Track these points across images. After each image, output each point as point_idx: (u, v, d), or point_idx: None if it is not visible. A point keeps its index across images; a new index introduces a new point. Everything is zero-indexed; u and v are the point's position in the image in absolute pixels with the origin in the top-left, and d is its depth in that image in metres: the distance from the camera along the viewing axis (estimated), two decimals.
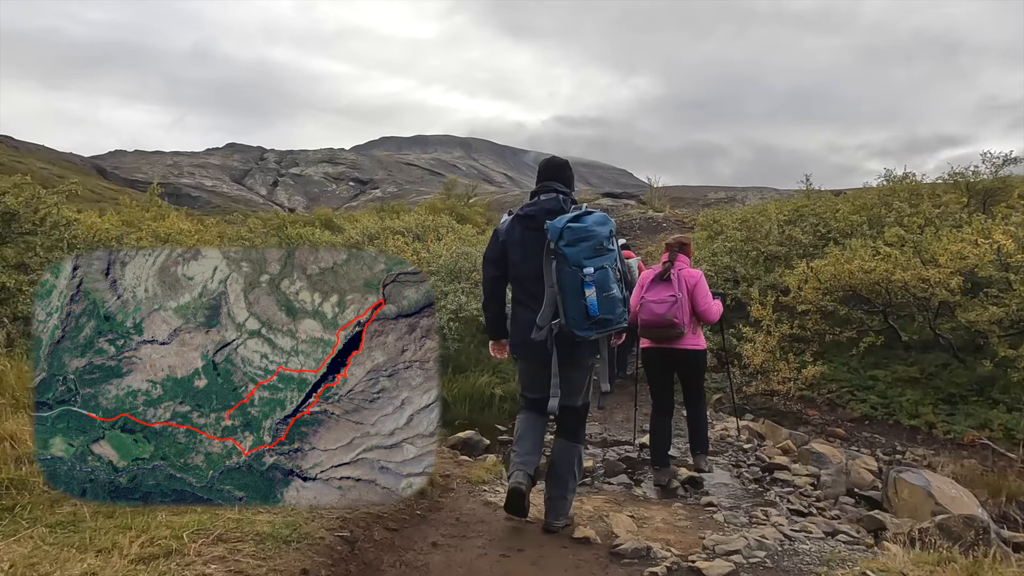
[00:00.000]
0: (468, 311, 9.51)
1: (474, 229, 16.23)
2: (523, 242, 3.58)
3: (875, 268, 9.14)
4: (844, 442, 8.36)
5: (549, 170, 3.78)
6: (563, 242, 3.30)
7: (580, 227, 3.34)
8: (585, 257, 3.30)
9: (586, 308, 3.28)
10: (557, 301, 3.35)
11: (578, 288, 3.29)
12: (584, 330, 3.34)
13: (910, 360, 10.00)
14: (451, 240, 13.13)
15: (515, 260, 3.64)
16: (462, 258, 10.51)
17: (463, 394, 8.67)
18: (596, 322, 3.33)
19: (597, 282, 3.31)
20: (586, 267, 3.29)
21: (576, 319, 3.32)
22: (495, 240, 3.76)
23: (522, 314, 3.64)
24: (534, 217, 3.55)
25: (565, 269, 3.30)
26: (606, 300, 3.32)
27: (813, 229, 13.43)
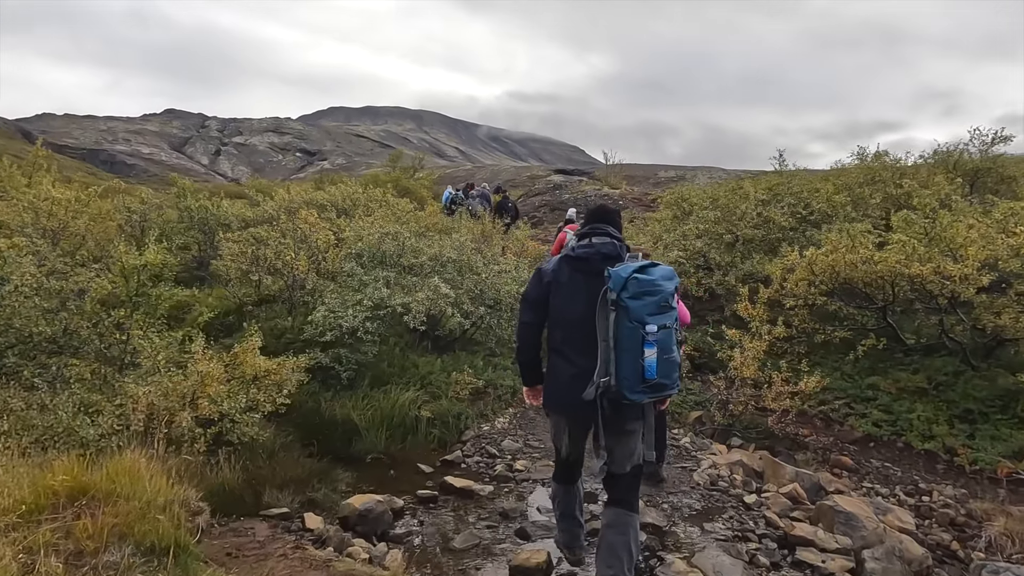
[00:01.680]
0: (391, 306, 7.42)
1: (412, 204, 14.00)
2: (571, 285, 3.19)
3: (885, 259, 7.44)
4: (853, 475, 6.68)
5: (601, 213, 3.39)
6: (627, 293, 2.91)
7: (647, 279, 2.93)
8: (649, 313, 2.89)
9: (643, 369, 2.87)
10: (610, 361, 2.93)
11: (637, 347, 2.88)
12: (636, 393, 2.91)
13: (913, 366, 8.41)
14: (382, 216, 10.92)
15: (558, 304, 3.22)
16: (388, 239, 8.36)
17: (380, 416, 6.62)
18: (651, 386, 2.91)
19: (660, 342, 2.90)
20: (649, 324, 2.88)
21: (630, 380, 2.89)
22: (538, 280, 3.32)
23: (561, 367, 3.20)
24: (587, 260, 3.17)
25: (625, 324, 2.90)
26: (666, 363, 2.92)
27: (791, 210, 11.75)
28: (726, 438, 7.17)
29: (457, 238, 8.70)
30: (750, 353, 7.23)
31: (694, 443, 6.64)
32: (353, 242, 8.88)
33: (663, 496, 5.18)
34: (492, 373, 7.68)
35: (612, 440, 3.12)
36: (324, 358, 7.29)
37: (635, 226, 13.33)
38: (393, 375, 7.42)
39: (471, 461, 6.02)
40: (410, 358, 7.71)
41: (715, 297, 10.55)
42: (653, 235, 11.46)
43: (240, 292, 8.94)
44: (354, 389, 7.22)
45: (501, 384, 7.47)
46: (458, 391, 7.07)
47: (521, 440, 6.47)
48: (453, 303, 7.66)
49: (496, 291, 8.08)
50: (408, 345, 8.13)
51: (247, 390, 5.65)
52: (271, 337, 8.20)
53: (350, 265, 8.18)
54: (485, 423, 6.87)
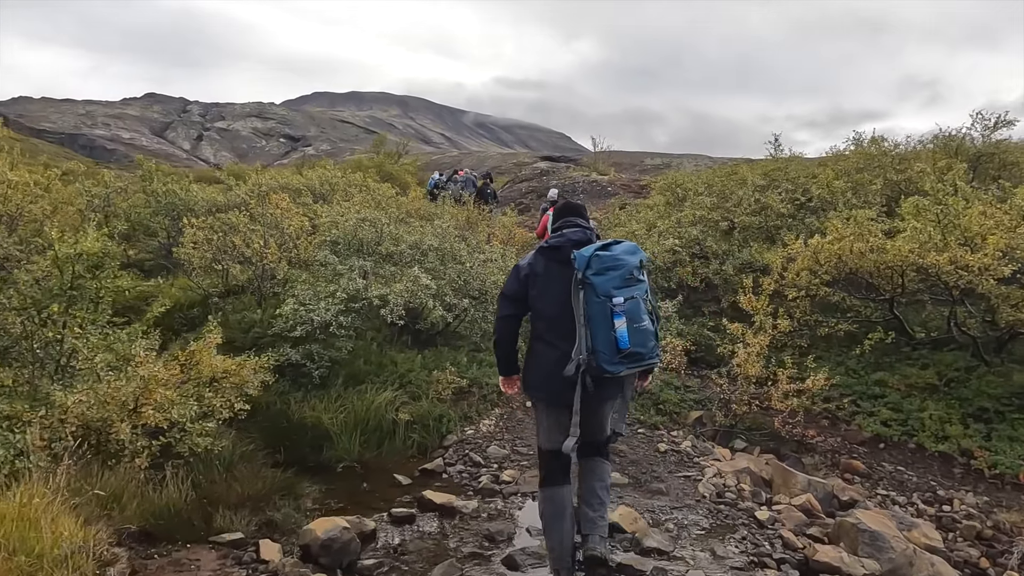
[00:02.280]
0: (368, 298, 6.79)
1: (394, 189, 13.29)
2: (547, 275, 3.26)
3: (898, 249, 6.90)
4: (865, 480, 6.18)
5: (570, 209, 3.55)
6: (591, 271, 3.02)
7: (608, 255, 3.06)
8: (614, 287, 2.99)
9: (616, 340, 2.95)
10: (584, 337, 3.01)
11: (607, 319, 2.97)
12: (614, 365, 2.97)
13: (922, 361, 7.92)
14: (360, 201, 10.23)
15: (537, 294, 3.27)
16: (365, 226, 7.70)
17: (354, 419, 6.01)
18: (627, 355, 2.98)
19: (627, 312, 2.99)
20: (615, 297, 2.98)
21: (606, 353, 2.96)
22: (516, 275, 3.36)
23: (543, 352, 3.27)
24: (560, 248, 3.27)
25: (593, 299, 3.00)
26: (637, 332, 2.99)
27: (790, 197, 11.21)
28: (728, 440, 6.64)
29: (440, 224, 8.05)
30: (754, 349, 6.68)
31: (696, 447, 6.09)
32: (328, 229, 8.20)
33: (667, 512, 4.62)
34: (477, 370, 7.07)
35: (588, 415, 3.14)
36: (295, 355, 6.66)
37: (626, 213, 12.74)
38: (369, 373, 6.79)
39: (453, 471, 5.43)
40: (388, 354, 7.09)
41: (712, 287, 10.00)
42: (646, 222, 10.87)
43: (205, 282, 8.24)
44: (327, 388, 6.61)
45: (486, 383, 6.87)
46: (440, 391, 6.47)
47: (508, 446, 5.89)
48: (435, 295, 7.04)
49: (481, 281, 7.47)
50: (386, 340, 7.50)
51: (201, 394, 5.01)
52: (239, 331, 7.56)
53: (323, 253, 7.52)
54: (469, 426, 6.28)
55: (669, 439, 6.24)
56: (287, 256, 8.02)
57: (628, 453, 5.75)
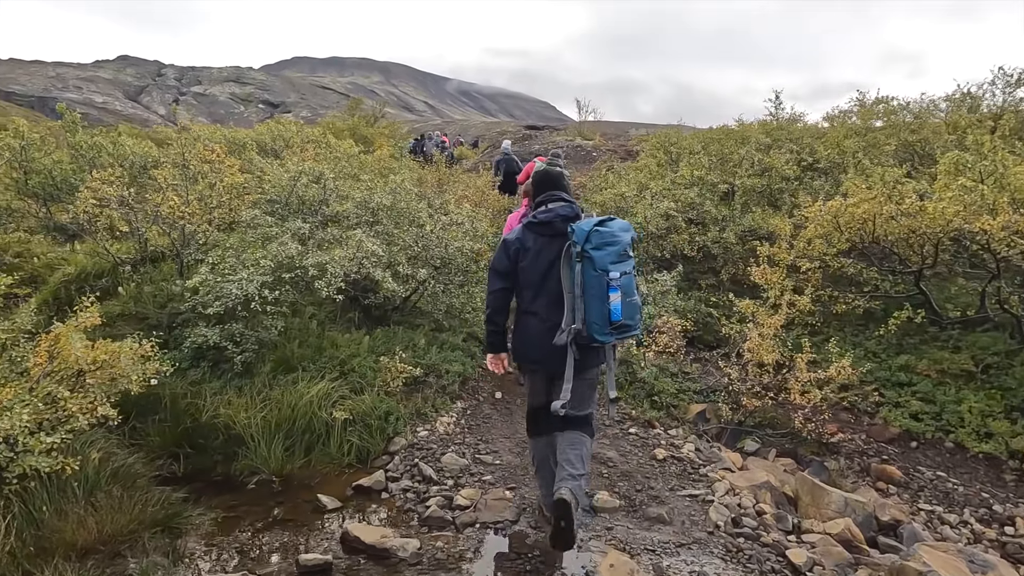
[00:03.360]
0: (303, 267, 5.48)
1: (358, 148, 11.82)
2: (536, 248, 3.32)
3: (941, 212, 5.71)
4: (903, 490, 5.06)
5: (551, 180, 3.52)
6: (590, 245, 3.07)
7: (607, 231, 3.11)
8: (611, 262, 3.07)
9: (609, 313, 3.05)
10: (578, 309, 3.10)
11: (603, 292, 3.05)
12: (604, 335, 3.09)
13: (952, 343, 6.80)
14: (314, 157, 8.81)
15: (526, 268, 3.34)
16: (305, 180, 6.34)
17: (278, 417, 4.75)
18: (617, 327, 3.09)
19: (623, 287, 3.09)
20: (612, 271, 3.06)
21: (598, 323, 3.07)
22: (505, 250, 3.40)
23: (533, 324, 3.35)
24: (550, 224, 3.31)
25: (591, 272, 3.07)
26: (629, 305, 3.12)
27: (796, 158, 9.98)
28: (737, 440, 5.48)
29: (395, 180, 6.69)
30: (768, 331, 5.49)
31: (700, 452, 4.92)
32: (264, 185, 6.83)
33: (671, 551, 3.44)
34: (436, 355, 5.82)
35: (576, 383, 3.19)
36: (213, 336, 5.35)
37: (615, 174, 11.45)
38: (305, 358, 5.50)
39: (396, 488, 4.20)
40: (329, 336, 5.80)
41: (710, 257, 8.79)
42: (638, 184, 9.58)
43: (115, 247, 6.85)
44: (251, 377, 5.32)
45: (447, 370, 5.62)
46: (388, 381, 5.21)
47: (469, 452, 4.66)
48: (386, 264, 5.75)
49: (444, 248, 6.16)
50: (330, 318, 6.20)
51: (56, 394, 3.70)
52: (154, 306, 6.21)
53: (252, 213, 6.15)
54: (423, 426, 5.04)
55: (667, 441, 5.06)
56: (215, 217, 6.64)
57: (618, 462, 4.56)
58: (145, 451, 4.61)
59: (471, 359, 6.13)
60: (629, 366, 6.17)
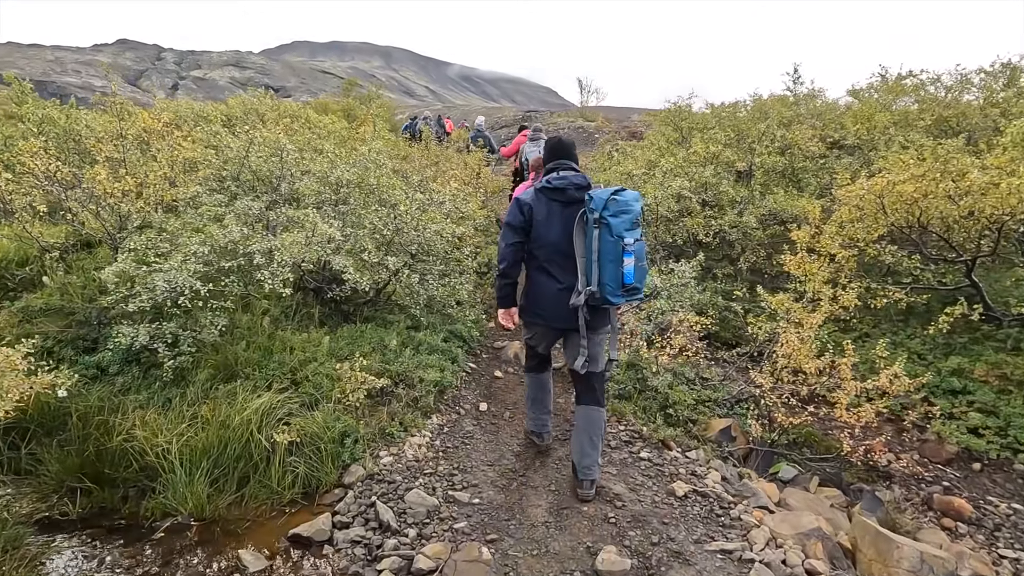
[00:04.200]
0: (248, 254, 4.50)
1: (341, 123, 10.77)
2: (549, 213, 3.50)
3: (1019, 188, 4.70)
4: (975, 529, 4.11)
5: (564, 149, 3.67)
6: (608, 212, 3.24)
7: (623, 199, 3.28)
8: (626, 229, 3.24)
9: (623, 276, 3.24)
10: (589, 270, 3.31)
11: (618, 256, 3.23)
12: (617, 297, 3.28)
13: (1010, 342, 5.82)
14: (285, 130, 7.79)
15: (540, 231, 3.51)
16: (256, 151, 5.34)
17: (207, 441, 3.79)
18: (628, 290, 3.29)
19: (636, 252, 3.27)
20: (626, 238, 3.24)
21: (612, 286, 3.26)
22: (518, 208, 3.55)
23: (546, 283, 3.54)
24: (563, 191, 3.48)
25: (607, 238, 3.24)
26: (640, 270, 3.31)
27: (820, 134, 8.95)
28: (770, 464, 4.52)
29: (364, 151, 5.67)
30: (807, 332, 4.51)
31: (728, 483, 3.95)
32: (222, 158, 5.83)
33: None
34: (410, 359, 4.85)
35: (590, 342, 3.46)
36: (141, 335, 4.38)
37: (620, 152, 10.40)
38: (251, 364, 4.54)
39: (343, 539, 3.24)
40: (281, 336, 4.83)
41: (726, 244, 7.79)
42: (647, 161, 8.54)
43: (44, 231, 5.87)
44: (185, 387, 4.36)
45: (421, 379, 4.65)
46: (347, 393, 4.24)
47: (441, 487, 3.70)
48: (349, 250, 4.77)
49: (420, 233, 5.18)
50: (287, 313, 5.22)
51: None
52: (83, 299, 5.25)
53: (195, 190, 5.17)
54: (388, 449, 4.08)
55: (687, 468, 4.09)
56: (152, 195, 5.63)
57: (628, 500, 3.59)
58: (37, 485, 3.67)
59: (452, 363, 5.17)
60: (638, 371, 5.20)
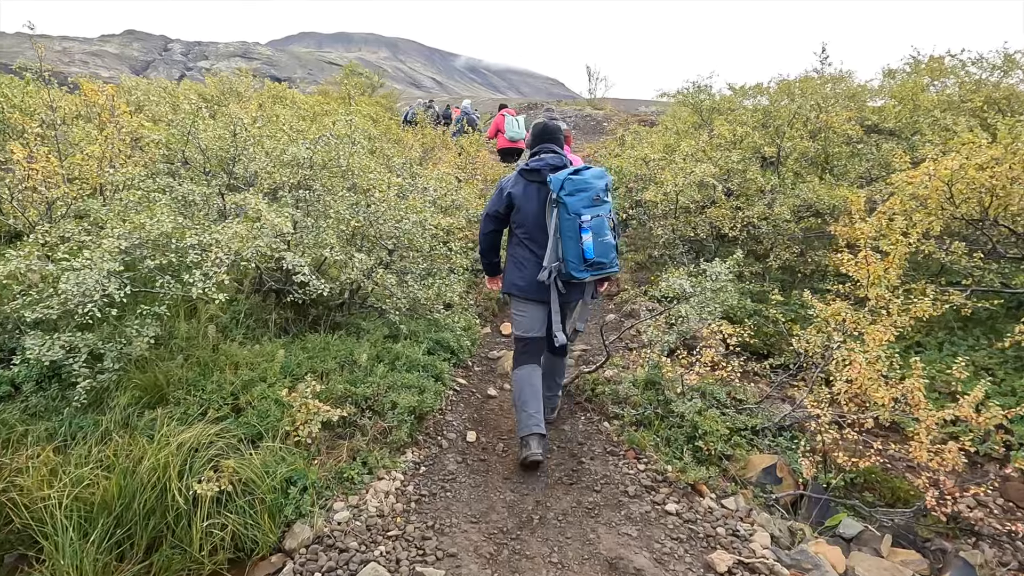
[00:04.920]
0: (182, 249, 3.59)
1: (323, 107, 9.83)
2: (526, 193, 3.65)
3: None
4: None
5: (547, 133, 3.82)
6: (564, 192, 3.40)
7: (579, 179, 3.42)
8: (583, 206, 3.37)
9: (583, 251, 3.37)
10: (556, 246, 3.46)
11: (576, 233, 3.37)
12: (580, 272, 3.41)
13: None
14: (256, 108, 6.89)
15: (519, 209, 3.67)
16: (202, 124, 4.45)
17: (106, 493, 2.91)
18: (591, 264, 3.41)
19: (593, 228, 3.37)
20: (583, 215, 3.36)
21: (574, 262, 3.40)
22: (499, 194, 3.75)
23: (524, 257, 3.69)
24: (539, 171, 3.63)
25: (565, 216, 3.39)
26: (601, 245, 3.40)
27: (857, 117, 7.98)
28: (825, 514, 3.60)
29: (331, 125, 4.73)
30: (873, 351, 3.58)
31: (780, 549, 3.04)
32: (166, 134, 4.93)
33: None
34: (382, 377, 3.95)
35: (564, 314, 3.70)
36: (54, 348, 3.49)
37: (632, 134, 9.45)
38: (186, 385, 3.65)
39: None
40: (226, 349, 3.93)
41: (754, 239, 6.85)
42: (664, 146, 7.60)
43: None
44: (99, 413, 3.49)
45: (394, 403, 3.76)
46: (297, 426, 3.35)
47: (409, 555, 2.80)
48: (311, 244, 3.87)
49: (396, 223, 4.27)
50: (240, 320, 4.33)
51: None
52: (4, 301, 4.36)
53: (130, 171, 4.27)
54: (345, 498, 3.18)
55: (726, 527, 3.18)
56: (88, 179, 4.74)
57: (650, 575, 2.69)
58: None
59: (436, 382, 4.27)
60: (659, 391, 4.30)
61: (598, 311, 6.53)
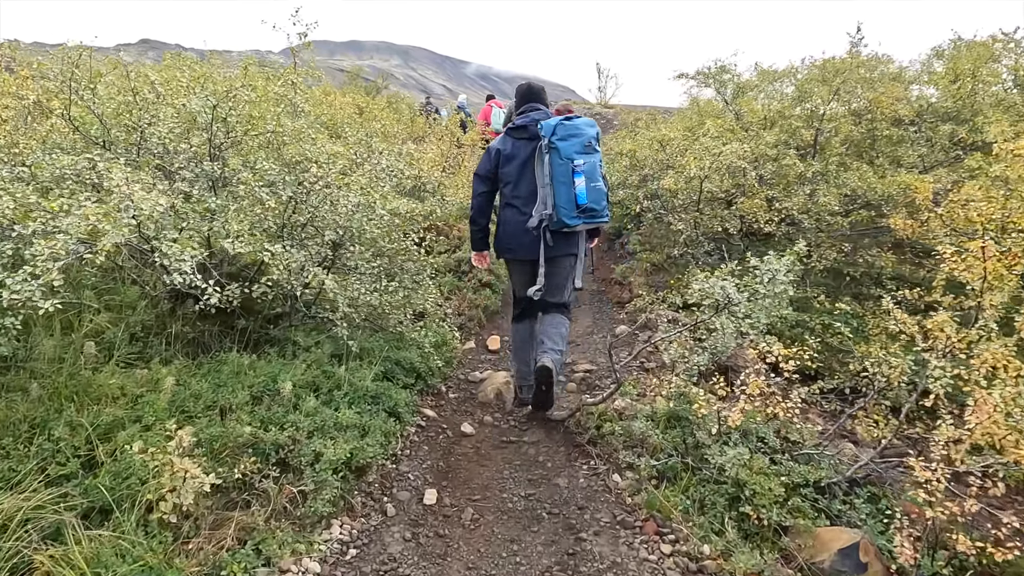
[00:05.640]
0: (27, 236, 2.53)
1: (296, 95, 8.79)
2: (514, 150, 3.59)
3: None
4: None
5: (532, 93, 3.77)
6: (556, 136, 3.34)
7: (571, 124, 3.39)
8: (575, 151, 3.33)
9: (576, 197, 3.31)
10: (548, 196, 3.36)
11: (568, 178, 3.31)
12: (573, 219, 3.33)
13: None
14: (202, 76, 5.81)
15: (507, 167, 3.60)
16: (138, 107, 3.42)
17: None
18: (584, 210, 3.33)
19: (586, 172, 3.32)
20: (576, 160, 3.31)
21: (566, 208, 3.32)
22: (488, 156, 3.68)
23: (512, 217, 3.61)
24: (526, 127, 3.57)
25: (557, 161, 3.32)
26: (594, 190, 3.34)
27: (906, 96, 6.84)
28: None
29: (241, 81, 3.62)
30: (1009, 392, 2.44)
31: None
32: None
33: None
34: (308, 415, 2.86)
35: (550, 268, 3.51)
36: None
37: (648, 117, 8.36)
38: (29, 427, 2.59)
39: None
40: (96, 377, 2.86)
41: (791, 236, 5.70)
42: (684, 126, 6.49)
43: None
44: None
45: (317, 454, 2.66)
46: (166, 494, 2.26)
47: None
48: (212, 231, 2.80)
49: (341, 212, 3.18)
50: (136, 333, 3.27)
51: None
52: None
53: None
54: None
55: None
56: None
57: None
58: None
59: (389, 418, 3.18)
60: (686, 431, 3.18)
61: (605, 321, 5.42)
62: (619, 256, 6.78)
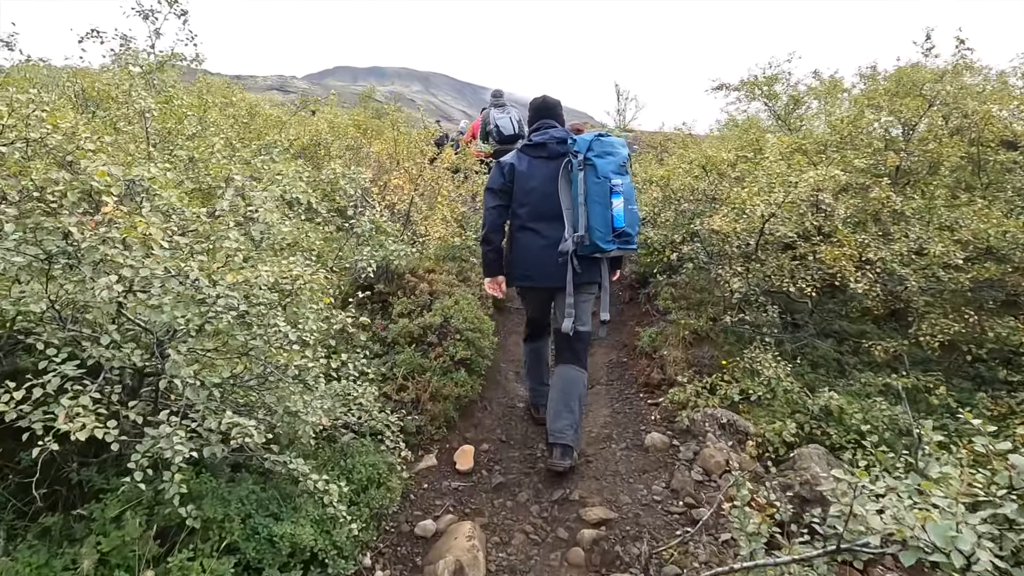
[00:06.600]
0: None
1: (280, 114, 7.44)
2: (531, 170, 3.26)
3: None
4: None
5: (546, 108, 3.46)
6: (593, 153, 3.04)
7: (607, 141, 3.10)
8: (612, 171, 3.02)
9: (612, 219, 2.98)
10: (576, 217, 3.03)
11: (606, 198, 2.98)
12: (607, 242, 3.00)
13: None
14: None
15: (524, 187, 3.26)
16: None
17: None
18: (619, 234, 3.01)
19: (625, 193, 3.02)
20: (613, 179, 3.00)
21: (601, 231, 2.98)
22: (500, 170, 3.34)
23: (531, 241, 3.24)
24: (545, 145, 3.27)
25: (593, 179, 3.00)
26: (630, 213, 3.05)
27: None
28: None
29: None
30: None
31: None
32: None
33: None
34: None
35: (578, 298, 3.15)
36: None
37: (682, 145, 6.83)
38: None
39: None
40: None
41: (889, 296, 4.07)
42: (736, 146, 4.91)
43: None
44: None
45: None
46: None
47: None
48: None
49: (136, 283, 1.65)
50: None
51: None
52: None
53: None
54: None
55: None
56: None
57: None
58: None
59: None
60: None
61: (630, 417, 3.82)
62: (644, 313, 5.17)
